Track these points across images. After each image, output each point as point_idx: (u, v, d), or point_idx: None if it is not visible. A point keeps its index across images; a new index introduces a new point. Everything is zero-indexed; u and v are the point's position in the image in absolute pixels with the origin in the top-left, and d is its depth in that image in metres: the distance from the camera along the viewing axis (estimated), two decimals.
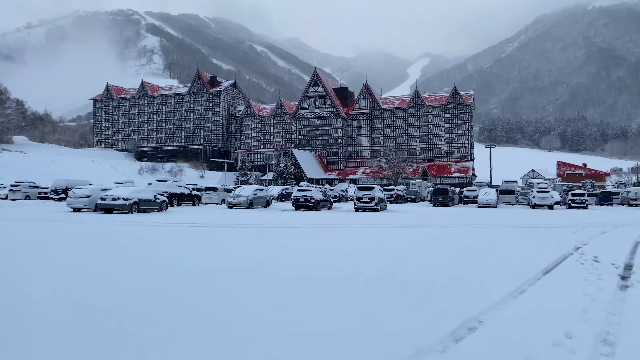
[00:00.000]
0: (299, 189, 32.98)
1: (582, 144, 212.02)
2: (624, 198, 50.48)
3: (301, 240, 13.44)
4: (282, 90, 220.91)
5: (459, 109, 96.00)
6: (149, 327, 4.95)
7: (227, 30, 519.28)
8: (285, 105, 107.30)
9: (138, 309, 5.60)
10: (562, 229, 17.94)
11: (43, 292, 6.49)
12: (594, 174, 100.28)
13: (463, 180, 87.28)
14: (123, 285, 6.93)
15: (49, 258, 9.43)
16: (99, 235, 14.00)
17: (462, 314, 5.55)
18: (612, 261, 9.77)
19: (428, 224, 20.26)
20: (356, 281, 7.45)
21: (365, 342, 4.59)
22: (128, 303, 5.89)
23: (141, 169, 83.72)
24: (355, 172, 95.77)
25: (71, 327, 4.94)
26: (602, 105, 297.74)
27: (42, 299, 6.15)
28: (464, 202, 47.76)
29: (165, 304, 5.86)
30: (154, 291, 6.57)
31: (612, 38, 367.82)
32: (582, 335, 4.89)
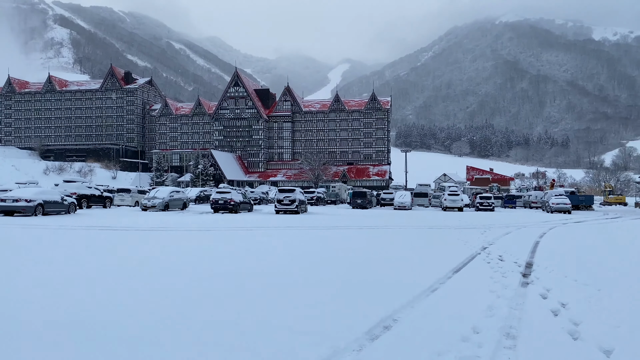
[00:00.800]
0: (218, 191, 32.33)
1: (490, 150, 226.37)
2: (526, 201, 54.50)
3: (217, 244, 13.15)
4: (202, 90, 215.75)
5: (377, 114, 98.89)
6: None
7: (144, 26, 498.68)
8: (205, 104, 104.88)
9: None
10: (470, 230, 18.99)
11: None
12: (499, 179, 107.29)
13: (381, 183, 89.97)
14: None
15: None
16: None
17: (378, 313, 5.67)
18: (515, 260, 10.47)
19: (347, 226, 20.62)
20: (274, 281, 7.39)
21: (283, 342, 4.55)
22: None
23: (47, 169, 78.13)
24: (277, 174, 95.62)
25: None
26: (507, 114, 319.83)
27: None
28: (381, 205, 49.19)
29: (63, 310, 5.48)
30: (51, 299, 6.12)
31: (516, 52, 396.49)
32: (488, 330, 5.18)
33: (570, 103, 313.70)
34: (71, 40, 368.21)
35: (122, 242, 13.03)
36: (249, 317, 5.46)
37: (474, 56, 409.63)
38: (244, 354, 4.29)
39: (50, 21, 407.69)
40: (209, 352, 4.31)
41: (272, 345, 4.56)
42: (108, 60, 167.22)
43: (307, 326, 5.16)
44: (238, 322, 5.26)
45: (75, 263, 9.12)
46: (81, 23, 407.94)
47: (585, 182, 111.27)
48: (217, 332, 4.89)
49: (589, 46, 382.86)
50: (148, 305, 5.90)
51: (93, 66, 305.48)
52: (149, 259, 9.89)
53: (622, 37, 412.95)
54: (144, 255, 10.37)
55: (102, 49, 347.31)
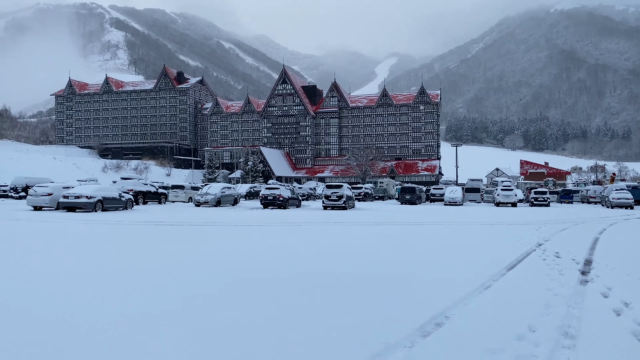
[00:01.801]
0: (267, 187, 32.80)
1: (544, 143, 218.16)
2: (583, 196, 52.20)
3: (269, 238, 13.35)
4: (251, 88, 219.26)
5: (426, 108, 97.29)
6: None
7: (194, 26, 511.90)
8: (254, 102, 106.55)
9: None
10: (525, 226, 18.39)
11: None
12: (555, 173, 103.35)
13: (430, 178, 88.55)
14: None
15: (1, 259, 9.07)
16: (56, 235, 13.56)
17: (430, 309, 5.60)
18: (573, 257, 10.06)
19: (395, 222, 20.44)
20: (327, 278, 7.44)
21: (334, 338, 4.57)
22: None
23: (105, 167, 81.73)
24: (324, 170, 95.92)
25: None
26: (563, 106, 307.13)
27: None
28: (430, 200, 48.43)
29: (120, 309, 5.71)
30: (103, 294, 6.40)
31: (572, 40, 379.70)
32: (545, 329, 5.00)
33: (632, 93, 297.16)
34: (126, 42, 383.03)
35: (194, 237, 13.45)
36: (295, 313, 5.52)
37: (527, 46, 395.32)
38: (295, 349, 4.34)
39: (107, 24, 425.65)
40: (264, 345, 4.38)
41: (323, 341, 4.59)
42: (161, 61, 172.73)
43: (357, 322, 5.16)
44: (285, 318, 5.33)
45: (138, 256, 9.49)
46: (135, 25, 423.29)
47: None
48: (269, 331, 4.97)
49: None
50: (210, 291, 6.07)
51: (147, 67, 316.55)
52: (217, 253, 10.16)
53: None
54: (206, 250, 10.67)
55: (155, 50, 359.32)
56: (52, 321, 4.97)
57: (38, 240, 12.17)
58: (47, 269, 7.97)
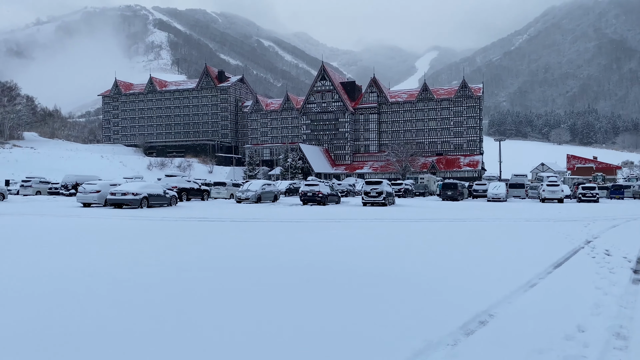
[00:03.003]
0: (307, 184, 32.92)
1: (593, 137, 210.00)
2: (635, 191, 49.99)
3: (311, 234, 13.43)
4: (290, 85, 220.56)
5: (468, 103, 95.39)
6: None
7: (234, 25, 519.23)
8: (293, 99, 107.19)
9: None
10: (572, 223, 17.79)
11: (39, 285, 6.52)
12: (604, 167, 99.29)
13: (472, 174, 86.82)
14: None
15: (56, 252, 9.49)
16: (105, 229, 14.08)
17: (473, 307, 5.52)
18: (624, 255, 9.68)
19: (437, 218, 20.17)
20: (370, 276, 7.43)
21: (375, 336, 4.58)
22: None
23: (150, 164, 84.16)
24: (363, 166, 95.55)
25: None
26: (613, 98, 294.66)
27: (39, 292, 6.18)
28: (473, 196, 47.50)
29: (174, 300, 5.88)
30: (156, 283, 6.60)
31: (623, 29, 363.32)
32: (595, 329, 4.85)
33: None
34: (169, 42, 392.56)
35: (238, 232, 13.72)
36: (337, 310, 5.55)
37: (575, 37, 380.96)
38: (336, 346, 4.37)
39: (150, 26, 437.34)
40: (304, 342, 4.43)
41: (368, 337, 4.60)
42: (202, 60, 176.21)
43: (399, 319, 5.14)
44: (325, 314, 5.36)
45: (184, 251, 9.75)
46: (178, 26, 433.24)
47: None
48: (310, 325, 5.02)
49: None
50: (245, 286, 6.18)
51: (189, 66, 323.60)
52: (254, 246, 10.33)
53: None
54: (249, 243, 10.85)
55: (197, 49, 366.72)
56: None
57: (90, 234, 12.68)
58: (96, 263, 8.30)
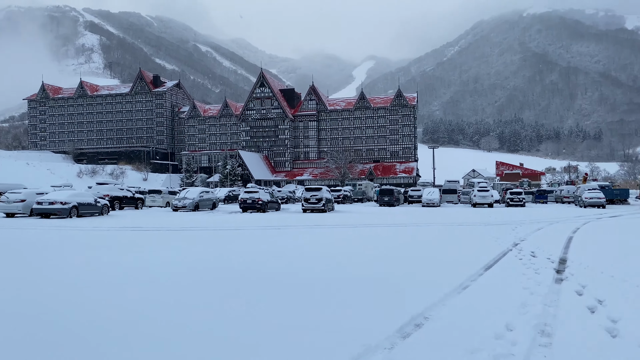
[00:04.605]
0: (246, 191, 32.64)
1: (519, 144, 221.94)
2: (557, 196, 53.29)
3: (248, 242, 13.27)
4: (228, 91, 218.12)
5: (403, 111, 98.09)
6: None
7: (171, 30, 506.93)
8: (231, 106, 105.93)
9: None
10: (501, 227, 18.68)
11: None
12: (530, 174, 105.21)
13: (408, 180, 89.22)
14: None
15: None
16: (25, 242, 13.26)
17: (410, 310, 5.64)
18: (548, 256, 10.26)
19: (375, 224, 20.54)
20: (306, 281, 7.43)
21: (314, 340, 4.57)
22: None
23: (80, 172, 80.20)
24: (303, 173, 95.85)
25: None
26: (537, 108, 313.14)
27: None
28: (408, 202, 48.79)
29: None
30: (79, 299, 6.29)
31: (545, 44, 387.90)
32: (522, 327, 5.09)
33: (603, 95, 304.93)
34: (101, 45, 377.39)
35: (168, 242, 13.27)
36: (277, 316, 5.51)
37: (502, 49, 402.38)
38: (274, 353, 4.33)
39: (81, 28, 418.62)
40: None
41: (303, 344, 4.58)
42: (137, 64, 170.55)
43: (337, 324, 5.17)
44: (264, 321, 5.30)
45: (113, 263, 9.34)
46: (110, 29, 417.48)
47: (619, 176, 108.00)
48: (241, 335, 4.95)
49: (621, 36, 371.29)
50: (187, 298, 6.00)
51: (122, 70, 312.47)
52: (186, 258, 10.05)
53: None
54: (182, 254, 10.55)
55: (131, 53, 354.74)
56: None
57: (6, 248, 11.88)
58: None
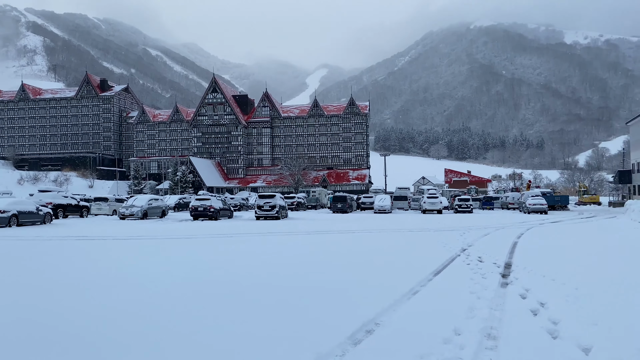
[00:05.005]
0: (198, 198, 32.10)
1: (467, 152, 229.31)
2: (503, 202, 55.27)
3: (200, 250, 13.02)
4: (179, 96, 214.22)
5: (355, 119, 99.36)
6: None
7: (119, 33, 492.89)
8: (183, 111, 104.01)
9: None
10: (450, 232, 19.16)
11: None
12: (477, 181, 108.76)
13: (360, 187, 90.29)
14: None
15: None
16: None
17: (361, 316, 5.68)
18: (494, 261, 10.60)
19: (327, 231, 20.61)
20: (256, 290, 7.34)
21: (266, 349, 4.51)
22: None
23: (21, 179, 76.38)
24: (256, 180, 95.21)
25: None
26: (483, 117, 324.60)
27: None
28: (361, 209, 49.34)
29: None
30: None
31: (491, 55, 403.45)
32: (469, 331, 5.22)
33: (544, 105, 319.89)
34: (45, 47, 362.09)
35: (112, 251, 12.79)
36: (228, 324, 5.41)
37: (450, 60, 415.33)
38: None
39: (22, 28, 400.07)
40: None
41: (255, 355, 4.52)
42: (83, 67, 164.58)
43: (289, 333, 5.13)
44: (216, 328, 5.20)
45: (53, 273, 8.92)
46: (55, 30, 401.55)
47: (560, 183, 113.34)
48: (188, 344, 4.83)
49: (561, 49, 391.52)
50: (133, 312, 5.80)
51: (68, 74, 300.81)
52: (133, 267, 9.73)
53: (593, 40, 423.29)
54: (128, 264, 10.20)
55: (76, 56, 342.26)
56: None
57: None
58: None
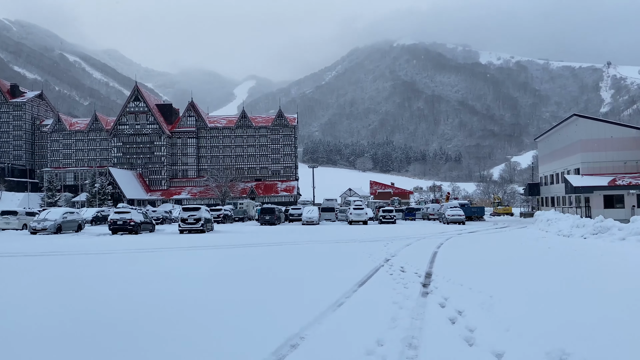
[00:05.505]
0: (117, 211, 30.68)
1: (391, 165, 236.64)
2: (424, 213, 57.49)
3: (114, 267, 12.40)
4: (99, 104, 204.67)
5: (284, 131, 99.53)
6: None
7: (32, 36, 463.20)
8: (102, 120, 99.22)
9: None
10: (374, 243, 19.59)
11: None
12: (400, 192, 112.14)
13: (289, 199, 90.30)
14: None
15: None
16: None
17: (285, 331, 5.63)
18: (416, 270, 10.95)
19: (254, 244, 20.39)
20: (177, 306, 7.09)
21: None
22: None
23: None
24: (181, 192, 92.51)
25: None
26: (406, 132, 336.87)
27: None
28: (289, 220, 49.33)
29: None
30: None
31: (412, 73, 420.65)
32: (391, 342, 5.33)
33: (462, 121, 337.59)
34: None
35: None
36: (146, 341, 5.18)
37: (375, 76, 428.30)
38: None
39: None
40: None
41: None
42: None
43: (211, 347, 4.99)
44: (136, 347, 4.96)
45: None
46: None
47: (476, 195, 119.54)
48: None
49: (476, 69, 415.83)
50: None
51: None
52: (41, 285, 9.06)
53: (505, 61, 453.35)
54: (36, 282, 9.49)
55: None
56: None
57: None
58: None
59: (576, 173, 45.13)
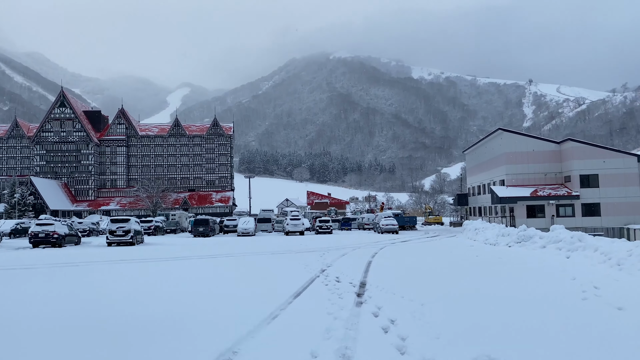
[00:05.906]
0: (39, 223, 28.87)
1: (328, 175, 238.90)
2: (360, 223, 58.39)
3: (40, 283, 11.62)
4: (20, 110, 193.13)
5: (219, 140, 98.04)
6: None
7: None
8: (24, 126, 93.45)
9: None
10: (311, 254, 19.62)
11: None
12: (337, 202, 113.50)
13: (224, 209, 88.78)
14: None
15: None
16: None
17: (217, 346, 5.48)
18: (351, 280, 11.05)
19: (186, 256, 19.83)
20: (106, 321, 6.72)
21: None
22: None
23: None
24: (109, 202, 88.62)
25: None
26: (342, 143, 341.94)
27: None
28: (224, 232, 48.45)
29: None
30: None
31: (349, 85, 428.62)
32: (325, 353, 5.31)
33: (395, 134, 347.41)
34: None
35: None
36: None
37: (312, 88, 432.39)
38: None
39: None
40: None
41: None
42: None
43: None
44: None
45: None
46: None
47: (409, 205, 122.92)
48: None
49: (409, 83, 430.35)
50: None
51: None
52: None
53: (435, 76, 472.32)
54: None
55: None
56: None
57: None
58: None
59: (501, 184, 47.58)
